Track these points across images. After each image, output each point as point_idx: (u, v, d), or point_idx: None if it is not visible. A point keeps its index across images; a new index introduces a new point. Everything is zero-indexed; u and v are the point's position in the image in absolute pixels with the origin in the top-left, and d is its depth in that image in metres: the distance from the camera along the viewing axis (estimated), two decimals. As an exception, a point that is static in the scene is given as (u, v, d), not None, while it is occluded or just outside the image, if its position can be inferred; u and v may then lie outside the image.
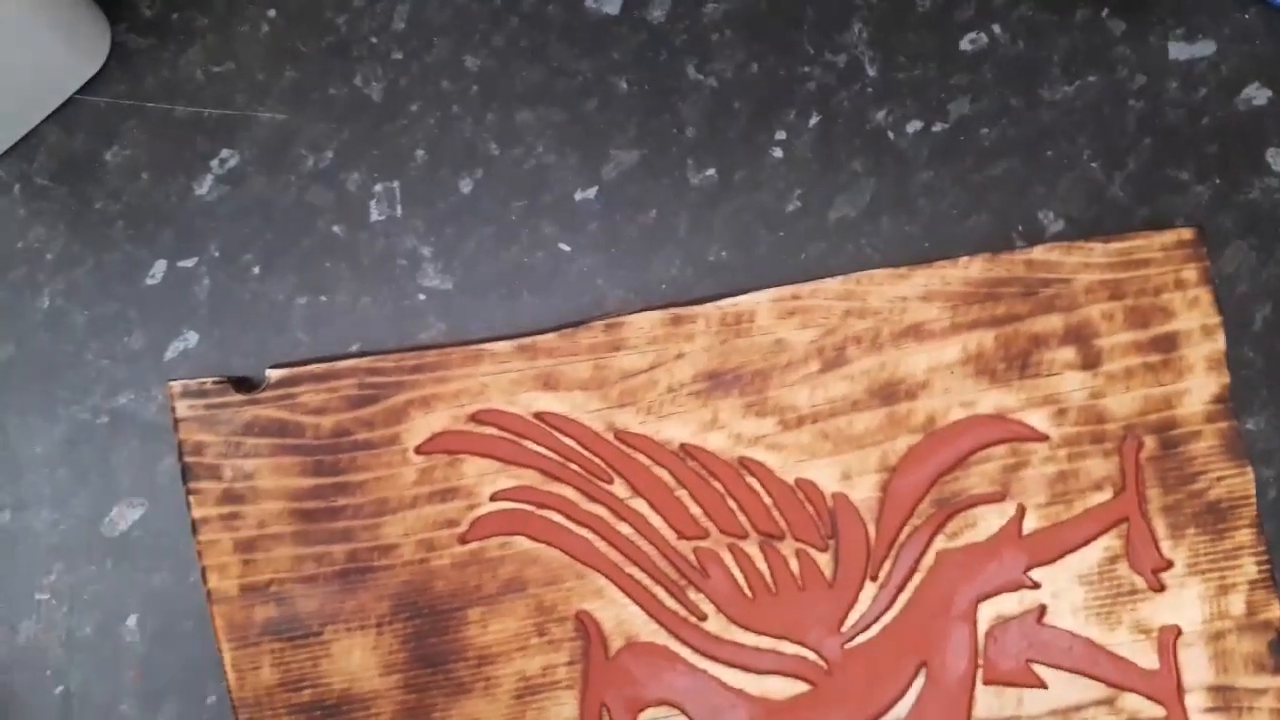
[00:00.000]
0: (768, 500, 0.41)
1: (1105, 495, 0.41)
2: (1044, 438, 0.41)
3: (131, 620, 0.44)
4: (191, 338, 0.46)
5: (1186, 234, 0.41)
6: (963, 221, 0.45)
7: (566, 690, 0.41)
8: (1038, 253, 0.42)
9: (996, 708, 0.40)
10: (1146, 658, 0.40)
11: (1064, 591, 0.41)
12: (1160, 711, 0.40)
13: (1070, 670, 0.40)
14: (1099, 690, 0.40)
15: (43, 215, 0.47)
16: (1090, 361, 0.41)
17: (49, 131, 0.47)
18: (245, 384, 0.43)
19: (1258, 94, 0.44)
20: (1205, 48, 0.45)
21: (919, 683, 0.40)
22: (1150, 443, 0.41)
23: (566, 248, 0.45)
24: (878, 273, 0.42)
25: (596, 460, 0.42)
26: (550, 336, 0.42)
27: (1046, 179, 0.45)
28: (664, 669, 0.41)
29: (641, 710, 0.41)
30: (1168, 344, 0.41)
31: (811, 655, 0.41)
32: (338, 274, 0.46)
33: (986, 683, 0.40)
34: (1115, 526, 0.41)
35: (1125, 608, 0.41)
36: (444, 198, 0.46)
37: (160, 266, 0.46)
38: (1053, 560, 0.41)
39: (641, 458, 0.42)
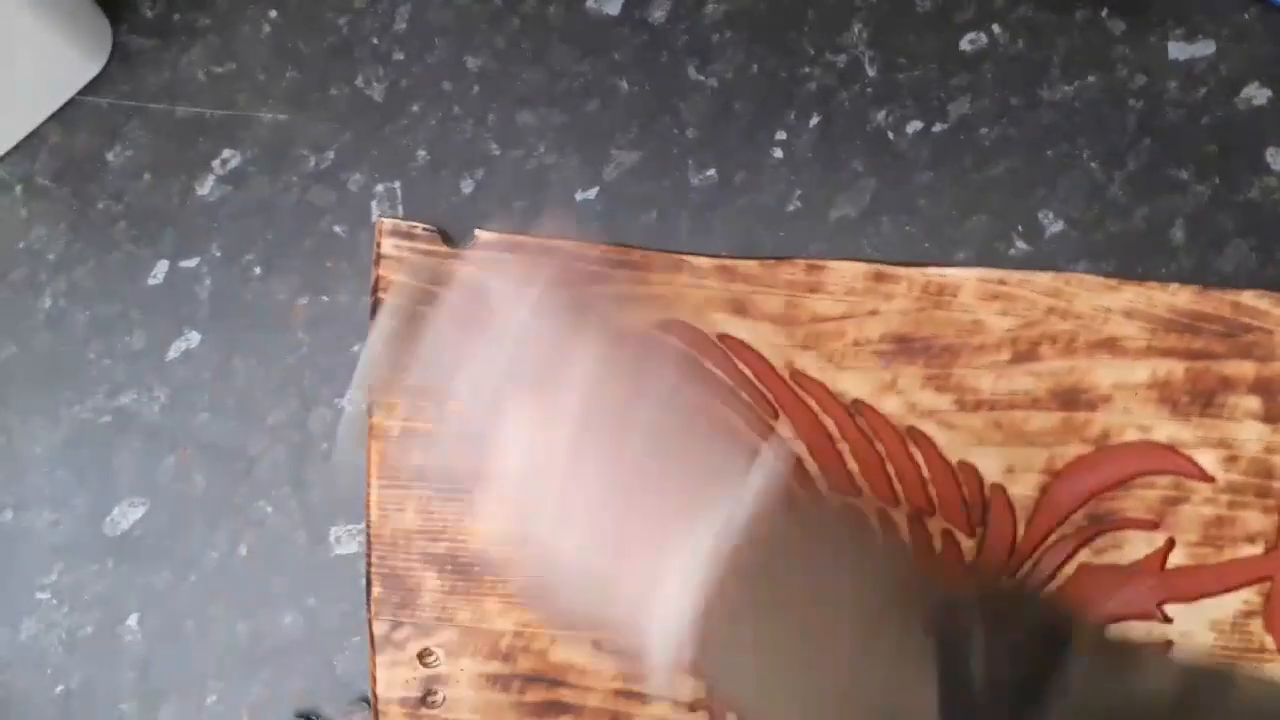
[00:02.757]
0: (926, 475, 0.41)
1: (1257, 550, 0.40)
2: (1210, 479, 0.41)
3: (132, 620, 0.44)
4: (193, 337, 0.46)
5: None
6: (962, 222, 0.45)
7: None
8: (1247, 297, 0.41)
9: None
10: None
11: (1193, 633, 0.40)
12: None
13: None
14: None
15: (44, 215, 0.47)
16: (1273, 415, 0.41)
17: (51, 132, 0.47)
18: (451, 240, 0.43)
19: (1257, 94, 0.44)
20: (1205, 48, 0.45)
21: None
22: None
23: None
24: (1088, 278, 0.42)
25: (767, 394, 0.42)
26: (751, 263, 0.42)
27: (1046, 179, 0.45)
28: None
29: None
30: None
31: None
32: (339, 274, 0.46)
33: None
34: (1259, 583, 0.40)
35: (1250, 664, 0.40)
36: (445, 198, 0.46)
37: (162, 266, 0.46)
38: (1189, 599, 0.40)
39: (812, 402, 0.42)
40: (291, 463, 0.44)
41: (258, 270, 0.46)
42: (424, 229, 0.43)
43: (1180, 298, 0.42)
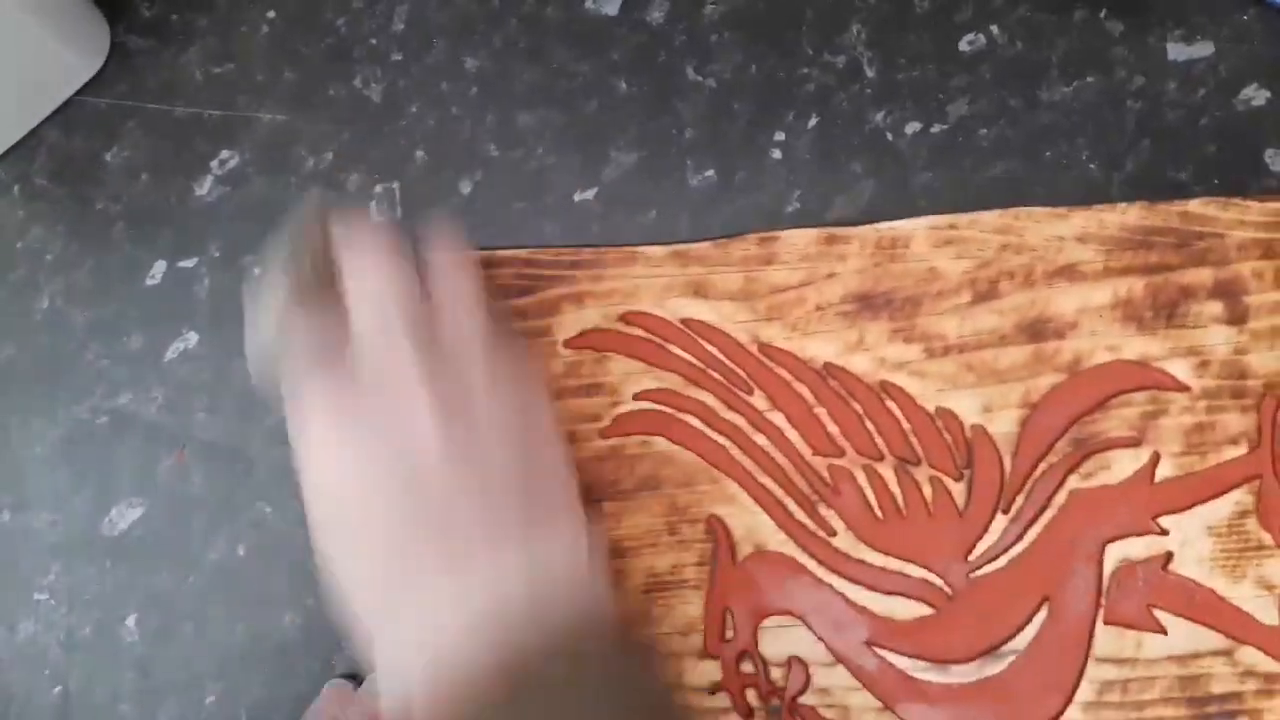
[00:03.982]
0: (906, 426, 0.41)
1: (1240, 450, 0.40)
2: (1185, 388, 0.41)
3: (131, 620, 0.44)
4: (191, 338, 0.46)
5: None
6: (961, 222, 0.45)
7: (693, 590, 0.41)
8: (1194, 205, 0.41)
9: (1115, 649, 0.40)
10: (1268, 614, 0.40)
11: (1191, 541, 0.40)
12: (1278, 668, 0.40)
13: (1191, 619, 0.40)
14: (1218, 641, 0.40)
15: (42, 216, 0.47)
16: (1237, 317, 0.41)
17: (49, 132, 0.47)
18: None
19: (1256, 95, 0.44)
20: (1204, 48, 0.45)
21: (1040, 617, 0.40)
22: None
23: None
24: (1037, 210, 0.42)
25: (738, 371, 0.42)
26: (704, 245, 0.43)
27: (1045, 180, 0.45)
28: (789, 579, 0.41)
29: (764, 618, 0.41)
30: None
31: (937, 580, 0.41)
32: (337, 275, 0.46)
33: (1107, 623, 0.40)
34: (1247, 482, 0.40)
35: (1251, 562, 0.40)
36: (444, 199, 0.46)
37: (160, 267, 0.46)
38: (1183, 509, 0.40)
39: (783, 372, 0.42)
40: (291, 463, 0.44)
41: (256, 271, 0.46)
42: None
43: (1129, 216, 0.42)
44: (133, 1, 0.48)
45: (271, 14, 0.48)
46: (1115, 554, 0.41)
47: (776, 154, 0.45)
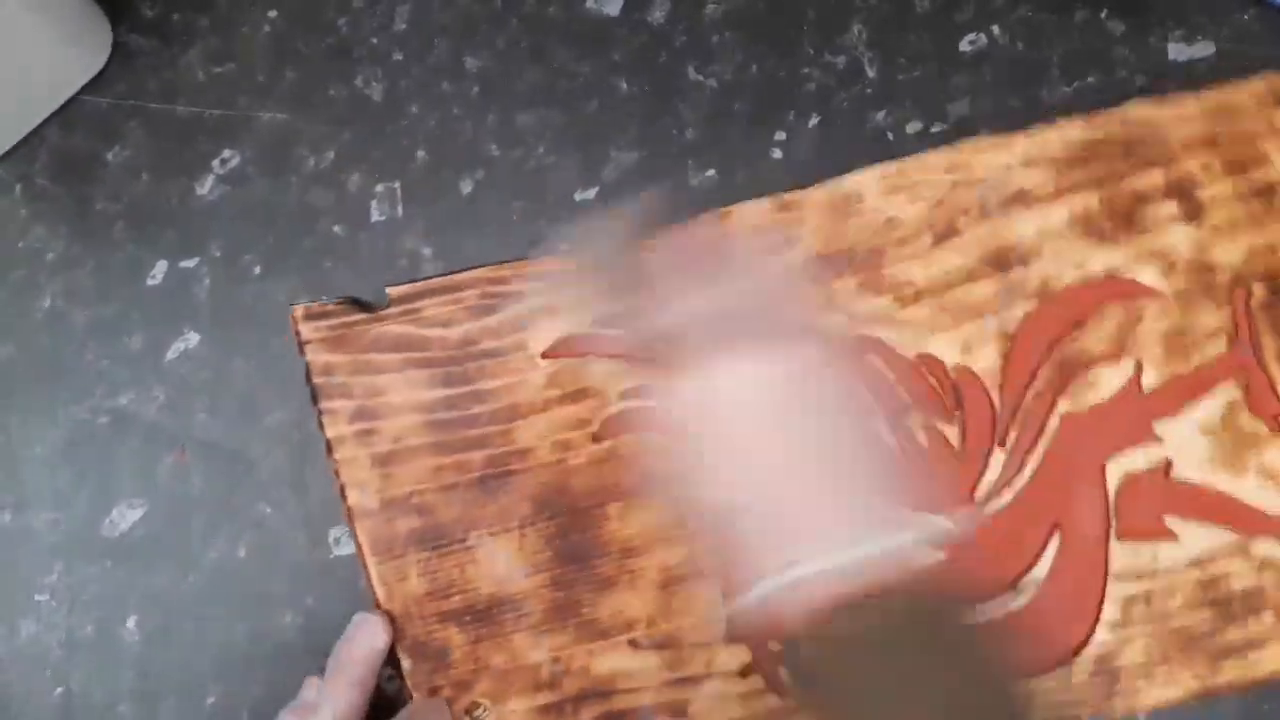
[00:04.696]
0: (891, 377, 0.42)
1: (1219, 344, 0.41)
2: (1156, 293, 0.41)
3: (131, 621, 0.44)
4: (193, 338, 0.46)
5: (1277, 81, 0.42)
6: (963, 222, 0.45)
7: (710, 578, 0.41)
8: (1130, 110, 0.42)
9: (1132, 564, 0.40)
10: (1274, 502, 0.40)
11: (1188, 444, 0.41)
12: None
13: (1201, 520, 0.40)
14: (1231, 538, 0.40)
15: (44, 216, 0.47)
16: (1193, 214, 0.42)
17: (50, 132, 0.47)
18: (366, 305, 0.43)
19: (1257, 95, 0.45)
20: (1204, 48, 0.45)
21: (1054, 545, 0.40)
22: (1259, 290, 0.41)
23: (567, 249, 0.45)
24: (980, 140, 0.43)
25: None
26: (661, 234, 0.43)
27: (1046, 180, 0.45)
28: None
29: None
30: (1268, 191, 0.41)
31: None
32: (338, 274, 0.46)
33: (1120, 539, 0.40)
34: (1233, 375, 0.41)
35: (1249, 454, 0.40)
36: (445, 198, 0.46)
37: (161, 267, 0.46)
38: (1174, 412, 0.41)
39: None
40: (291, 464, 0.44)
41: (257, 270, 0.46)
42: (335, 304, 0.43)
43: (1071, 132, 0.43)
44: (134, 1, 0.48)
45: (273, 14, 0.48)
46: (1117, 471, 0.41)
47: (777, 154, 0.45)
